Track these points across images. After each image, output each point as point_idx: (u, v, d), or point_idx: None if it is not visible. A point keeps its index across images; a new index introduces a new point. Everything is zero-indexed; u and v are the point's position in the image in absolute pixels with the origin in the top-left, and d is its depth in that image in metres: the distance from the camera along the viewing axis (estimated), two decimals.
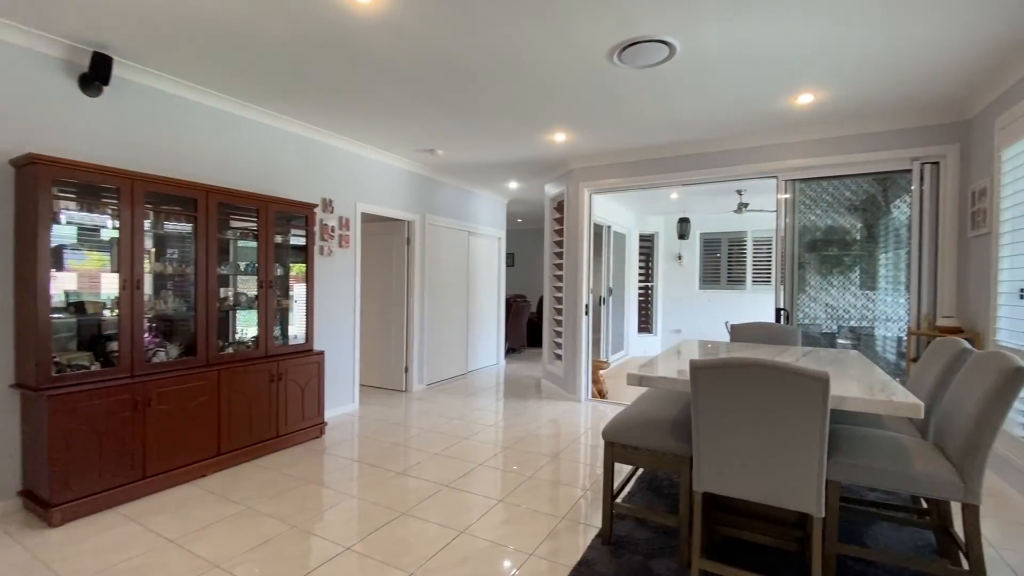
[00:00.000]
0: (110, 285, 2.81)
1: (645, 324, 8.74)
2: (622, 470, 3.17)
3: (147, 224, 2.89)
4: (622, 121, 3.86)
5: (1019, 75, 2.83)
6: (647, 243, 8.78)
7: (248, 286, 3.59)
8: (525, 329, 8.62)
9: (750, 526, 2.15)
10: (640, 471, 3.13)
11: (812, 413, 1.56)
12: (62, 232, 2.66)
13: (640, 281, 8.74)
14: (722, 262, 8.49)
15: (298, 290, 3.89)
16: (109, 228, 2.80)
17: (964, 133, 3.59)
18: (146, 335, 2.98)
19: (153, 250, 3.11)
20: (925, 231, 3.76)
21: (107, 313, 2.78)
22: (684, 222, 8.18)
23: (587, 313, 5.07)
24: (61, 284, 2.68)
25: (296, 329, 3.88)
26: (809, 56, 2.76)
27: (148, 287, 3.03)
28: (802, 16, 2.35)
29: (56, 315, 2.57)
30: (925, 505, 2.43)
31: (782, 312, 4.28)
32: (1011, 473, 2.88)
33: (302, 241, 3.87)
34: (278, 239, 3.68)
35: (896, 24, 2.41)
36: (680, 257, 8.64)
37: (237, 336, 3.62)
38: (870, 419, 2.44)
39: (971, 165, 3.53)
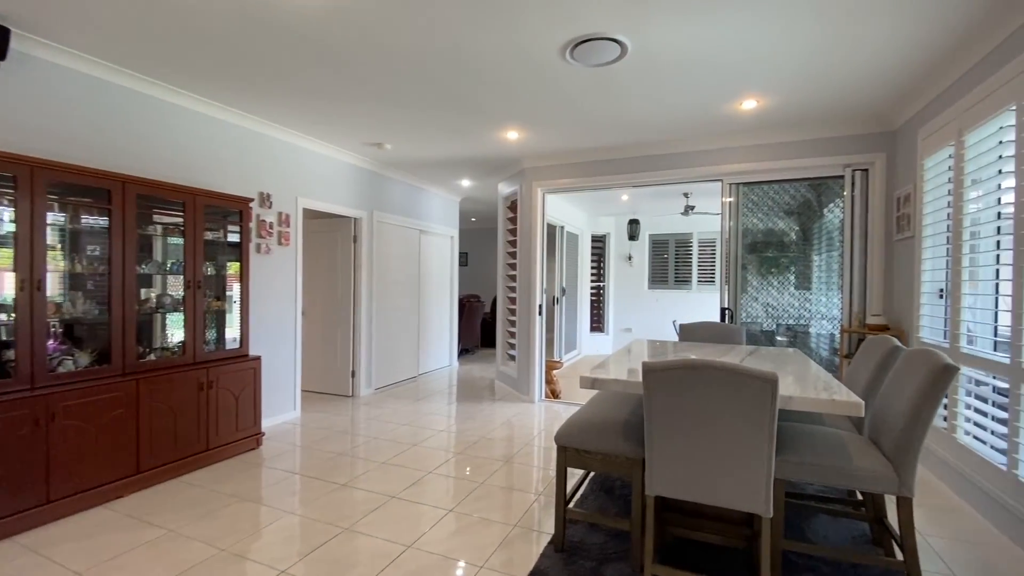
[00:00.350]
0: (9, 285, 2.48)
1: (597, 323, 8.86)
2: (575, 473, 3.15)
3: (51, 217, 2.57)
4: (575, 121, 3.84)
5: (939, 90, 3.03)
6: (599, 244, 8.90)
7: (177, 287, 3.29)
8: (479, 329, 8.52)
9: (700, 526, 2.16)
10: (593, 472, 3.11)
11: (761, 414, 1.56)
12: None
13: (592, 281, 8.85)
14: (669, 263, 8.73)
15: (236, 291, 3.61)
16: (5, 221, 2.47)
17: (890, 143, 3.82)
18: (51, 342, 2.66)
19: (60, 247, 2.78)
20: (856, 234, 3.97)
21: (2, 316, 2.45)
22: (634, 223, 8.36)
23: (541, 313, 5.04)
24: None
25: (234, 333, 3.60)
26: (754, 62, 2.83)
27: (54, 288, 2.70)
28: (748, 22, 2.39)
29: None
30: (860, 497, 2.54)
31: (727, 312, 4.41)
32: (934, 462, 3.07)
33: (238, 238, 3.59)
34: (209, 236, 3.40)
35: (833, 35, 2.50)
36: (630, 258, 8.82)
37: (162, 341, 3.31)
38: (811, 416, 2.52)
39: (896, 173, 3.76)
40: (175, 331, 3.32)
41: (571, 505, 2.61)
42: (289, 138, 4.24)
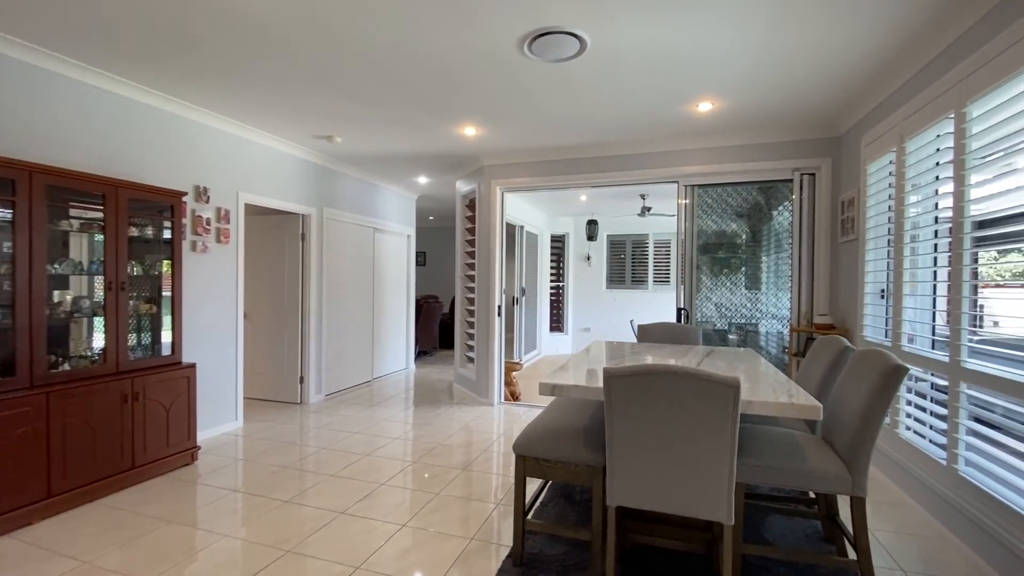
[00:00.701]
0: None
1: (557, 323, 8.86)
2: (535, 480, 3.07)
3: None
4: (534, 118, 3.77)
5: (882, 98, 3.15)
6: (558, 244, 8.91)
7: (99, 289, 2.97)
8: (437, 331, 8.33)
9: (662, 532, 2.12)
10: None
11: (722, 420, 1.53)
12: None
13: (552, 281, 8.84)
14: (626, 263, 8.85)
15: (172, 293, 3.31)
16: None
17: (835, 148, 3.97)
18: None
19: None
20: (804, 236, 4.10)
21: None
22: (592, 224, 8.40)
23: (500, 314, 4.94)
24: None
25: (168, 338, 3.29)
26: (710, 64, 2.83)
27: None
28: (706, 23, 2.38)
29: None
30: (813, 495, 2.59)
31: (682, 312, 4.46)
32: (879, 458, 3.19)
33: (170, 235, 3.29)
34: (135, 232, 3.09)
35: (786, 43, 2.54)
36: (589, 258, 8.88)
37: (80, 349, 2.98)
38: (766, 416, 2.54)
39: (841, 177, 3.91)
40: (98, 338, 3.00)
41: (531, 514, 2.52)
42: (230, 128, 3.95)
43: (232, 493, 2.86)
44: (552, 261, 8.83)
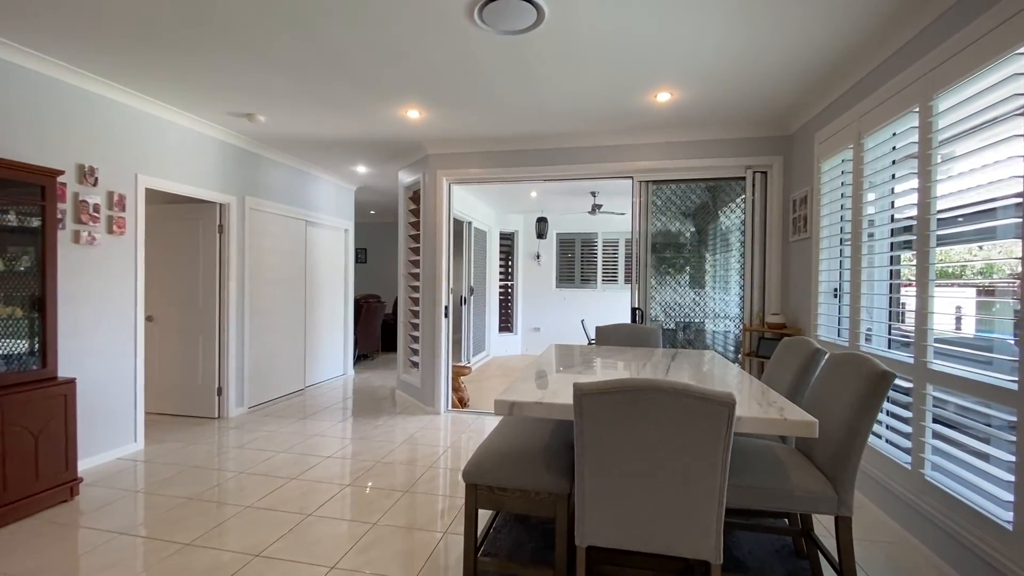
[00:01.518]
0: None
1: (506, 323, 8.60)
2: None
3: None
4: (484, 101, 3.45)
5: (837, 95, 3.10)
6: (507, 241, 8.65)
7: None
8: (379, 332, 7.83)
9: (631, 562, 1.89)
10: None
11: (714, 443, 1.29)
12: None
13: (501, 280, 8.57)
14: (575, 262, 8.74)
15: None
16: None
17: (787, 146, 3.95)
18: None
19: None
20: (756, 234, 4.06)
21: None
22: (542, 221, 8.21)
23: (447, 315, 4.59)
24: None
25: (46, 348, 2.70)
26: (671, 51, 2.65)
27: None
28: (670, 6, 2.18)
29: None
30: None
31: (637, 311, 4.32)
32: None
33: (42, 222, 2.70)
34: None
35: (745, 35, 2.41)
36: (539, 256, 8.68)
37: None
38: None
39: (792, 176, 3.89)
40: None
41: (483, 545, 2.22)
42: (126, 99, 3.35)
43: (118, 537, 2.35)
44: (501, 259, 8.56)
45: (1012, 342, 1.92)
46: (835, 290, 3.36)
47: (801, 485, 1.68)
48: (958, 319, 2.29)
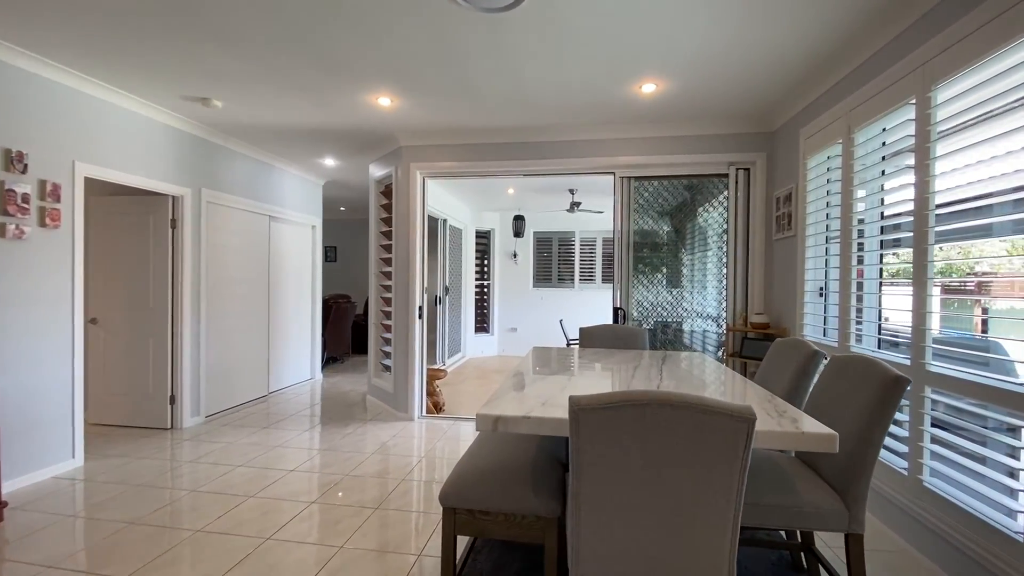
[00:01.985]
0: None
1: (482, 324, 8.40)
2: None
3: None
4: (462, 89, 3.25)
5: (824, 89, 3.03)
6: (484, 240, 8.46)
7: None
8: (349, 334, 7.52)
9: None
10: None
11: (730, 464, 1.14)
12: None
13: (477, 279, 8.37)
14: (553, 261, 8.62)
15: None
16: None
17: (770, 143, 3.88)
18: None
19: None
20: (739, 233, 3.98)
21: None
22: (519, 220, 8.04)
23: (421, 316, 4.36)
24: None
25: None
26: (659, 40, 2.51)
27: None
28: None
29: None
30: None
31: (620, 311, 4.19)
32: None
33: None
34: None
35: (731, 25, 2.27)
36: (515, 255, 8.51)
37: None
38: None
39: (776, 173, 3.82)
40: None
41: (463, 571, 2.02)
42: (63, 79, 3.01)
43: (45, 572, 2.05)
44: (477, 258, 8.36)
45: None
46: (821, 289, 3.29)
47: (810, 501, 1.55)
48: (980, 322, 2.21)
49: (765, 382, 2.37)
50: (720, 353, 4.14)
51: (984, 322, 2.13)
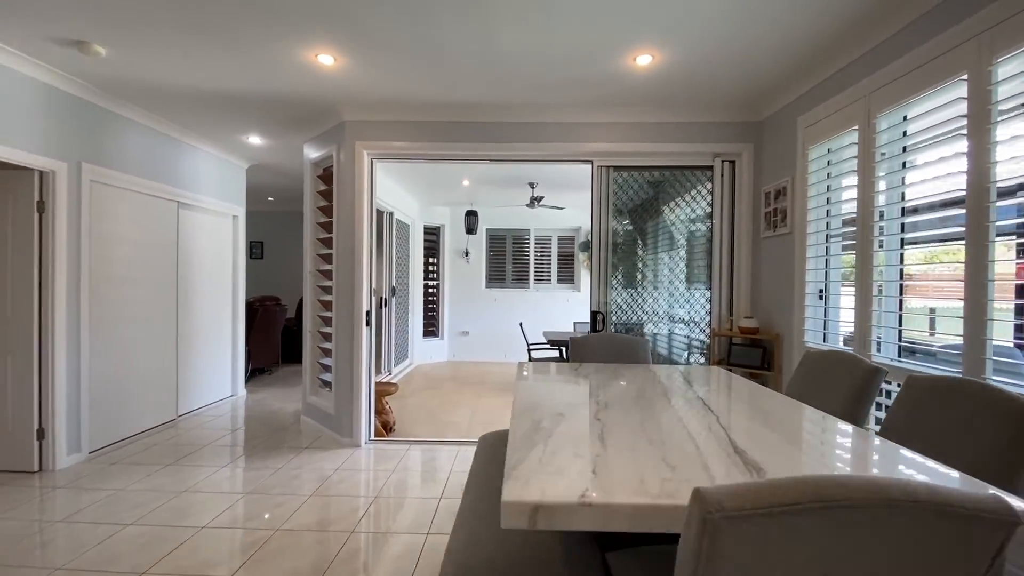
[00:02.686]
0: None
1: (432, 327, 7.76)
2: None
3: None
4: (423, 49, 2.67)
5: (830, 72, 2.75)
6: (433, 236, 7.82)
7: None
8: (279, 341, 6.62)
9: None
10: None
11: None
12: None
13: (426, 279, 7.71)
14: (507, 260, 8.15)
15: None
16: None
17: (757, 134, 3.60)
18: None
19: None
20: (724, 231, 3.68)
21: None
22: (472, 215, 7.47)
23: (369, 323, 3.71)
24: None
25: None
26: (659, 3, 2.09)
27: None
28: None
29: None
30: None
31: (598, 315, 3.77)
32: None
33: None
34: None
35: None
36: (467, 253, 7.95)
37: None
38: None
39: (763, 166, 3.55)
40: None
41: None
42: None
43: None
44: (425, 256, 7.71)
45: None
46: (821, 291, 3.03)
47: None
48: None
49: (806, 398, 1.99)
50: (703, 361, 3.82)
51: None
